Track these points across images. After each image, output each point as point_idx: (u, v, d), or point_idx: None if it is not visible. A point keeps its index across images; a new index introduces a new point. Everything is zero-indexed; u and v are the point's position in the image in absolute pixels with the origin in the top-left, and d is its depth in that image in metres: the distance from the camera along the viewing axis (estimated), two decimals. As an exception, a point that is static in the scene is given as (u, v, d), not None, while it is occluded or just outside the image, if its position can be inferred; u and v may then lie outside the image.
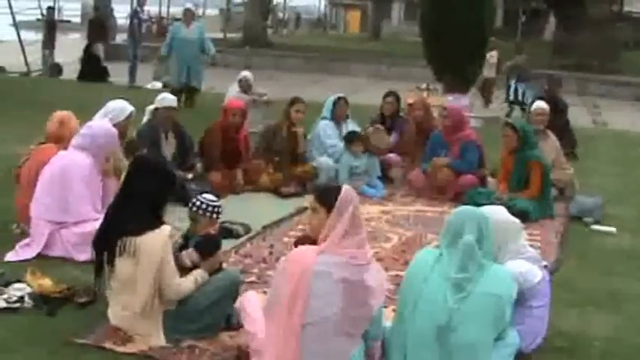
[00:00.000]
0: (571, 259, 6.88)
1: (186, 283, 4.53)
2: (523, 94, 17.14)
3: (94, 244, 4.66)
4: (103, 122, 6.46)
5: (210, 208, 4.83)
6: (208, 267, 4.70)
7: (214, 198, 4.95)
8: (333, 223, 3.90)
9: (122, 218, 4.39)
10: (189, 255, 4.72)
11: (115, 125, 6.57)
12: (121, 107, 7.09)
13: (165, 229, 4.47)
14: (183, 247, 4.83)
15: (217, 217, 4.94)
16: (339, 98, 9.55)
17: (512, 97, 17.50)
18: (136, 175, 4.52)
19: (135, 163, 4.69)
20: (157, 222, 4.46)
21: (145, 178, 4.45)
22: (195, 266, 4.71)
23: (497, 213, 4.72)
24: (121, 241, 4.40)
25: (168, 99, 8.22)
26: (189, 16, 14.85)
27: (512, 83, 17.48)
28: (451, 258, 4.10)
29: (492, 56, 17.89)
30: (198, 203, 4.83)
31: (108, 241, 4.41)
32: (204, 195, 4.94)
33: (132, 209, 4.42)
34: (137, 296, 4.42)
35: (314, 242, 4.02)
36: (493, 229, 4.26)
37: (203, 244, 4.79)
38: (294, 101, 9.17)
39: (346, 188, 4.02)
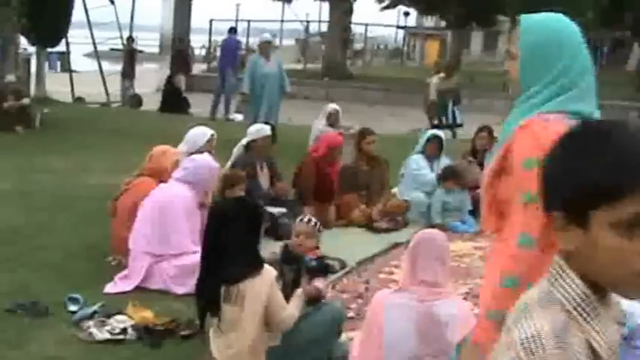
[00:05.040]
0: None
1: (294, 315, 4.43)
2: (454, 118, 16.91)
3: (197, 293, 4.43)
4: (204, 156, 6.47)
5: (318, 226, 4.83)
6: (307, 294, 4.61)
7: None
8: (404, 265, 4.29)
9: (220, 266, 4.21)
10: (316, 288, 4.69)
11: (197, 151, 6.62)
12: (200, 132, 7.18)
13: (270, 272, 4.30)
14: (285, 260, 4.78)
15: (317, 241, 4.92)
16: (434, 136, 9.35)
17: (450, 121, 17.09)
18: (221, 221, 4.31)
19: (217, 210, 4.55)
20: (257, 265, 4.26)
21: (232, 223, 4.25)
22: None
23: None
24: (224, 289, 4.21)
25: (264, 129, 8.22)
26: (268, 48, 13.36)
27: (450, 106, 17.06)
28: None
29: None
30: (314, 221, 4.86)
31: (210, 290, 4.25)
32: None
33: (227, 256, 4.22)
34: (245, 337, 4.26)
35: None
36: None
37: (318, 268, 4.79)
38: (365, 133, 9.10)
39: (417, 235, 4.30)
